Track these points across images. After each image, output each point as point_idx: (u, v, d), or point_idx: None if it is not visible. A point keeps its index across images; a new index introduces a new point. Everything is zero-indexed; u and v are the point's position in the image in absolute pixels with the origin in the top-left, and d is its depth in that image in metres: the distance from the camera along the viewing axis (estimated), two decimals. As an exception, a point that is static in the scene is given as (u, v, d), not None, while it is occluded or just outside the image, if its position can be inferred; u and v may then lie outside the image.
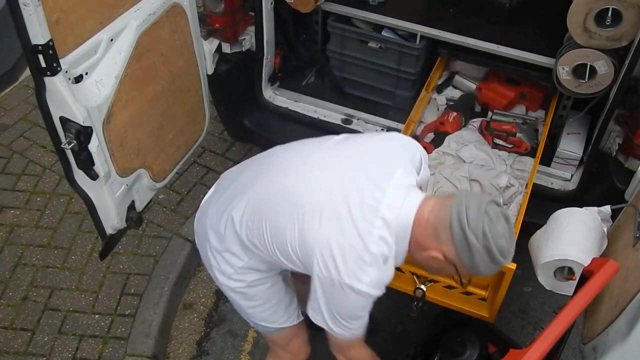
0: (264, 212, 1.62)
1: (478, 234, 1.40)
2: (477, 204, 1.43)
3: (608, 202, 1.86)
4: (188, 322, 2.88)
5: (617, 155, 2.43)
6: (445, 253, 1.46)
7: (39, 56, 1.65)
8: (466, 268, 1.47)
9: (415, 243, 1.51)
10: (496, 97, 2.77)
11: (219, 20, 2.59)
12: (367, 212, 1.47)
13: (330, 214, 1.49)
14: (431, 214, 1.48)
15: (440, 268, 1.53)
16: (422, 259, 1.54)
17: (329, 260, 1.46)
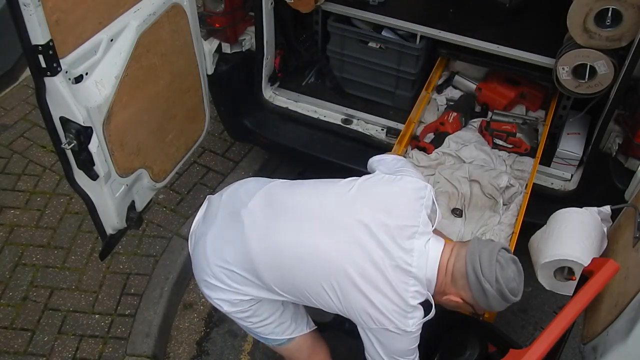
0: (291, 268, 1.70)
1: (492, 281, 1.57)
2: (488, 253, 1.59)
3: (608, 202, 1.86)
4: (188, 322, 2.88)
5: (617, 155, 2.43)
6: (463, 297, 1.63)
7: (39, 56, 1.64)
8: (482, 308, 1.66)
9: (438, 289, 1.66)
10: (496, 97, 2.77)
11: (219, 20, 2.59)
12: (401, 274, 1.60)
13: (368, 281, 1.60)
14: (449, 264, 1.63)
15: (459, 307, 1.70)
16: (442, 300, 1.69)
17: (378, 316, 1.60)
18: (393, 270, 1.59)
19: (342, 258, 1.62)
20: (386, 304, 1.59)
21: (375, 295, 1.59)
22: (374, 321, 1.61)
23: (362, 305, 1.61)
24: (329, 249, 1.64)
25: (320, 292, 1.66)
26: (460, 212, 2.34)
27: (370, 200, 1.70)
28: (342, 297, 1.63)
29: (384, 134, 2.81)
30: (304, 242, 1.67)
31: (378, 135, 2.81)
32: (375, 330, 1.63)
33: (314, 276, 1.66)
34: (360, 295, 1.60)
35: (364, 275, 1.60)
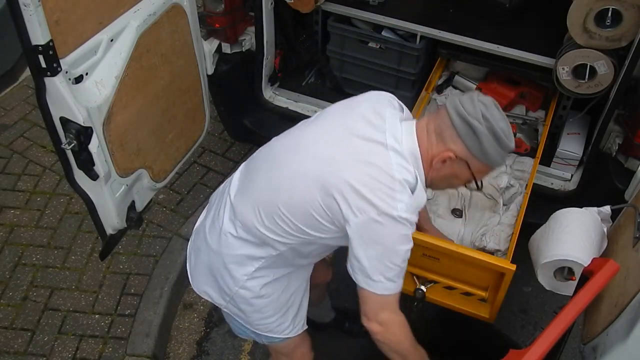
0: (277, 198, 1.62)
1: (479, 118, 1.48)
2: (468, 97, 1.52)
3: (608, 202, 1.86)
4: (188, 322, 2.88)
5: (617, 155, 2.43)
6: (454, 150, 1.53)
7: (39, 56, 1.65)
8: (477, 159, 1.53)
9: (427, 160, 1.57)
10: (496, 97, 2.75)
11: (219, 20, 2.59)
12: (378, 148, 1.52)
13: (345, 160, 1.53)
14: (429, 125, 1.57)
15: (455, 174, 1.59)
16: (436, 173, 1.59)
17: (359, 199, 1.49)
18: (370, 147, 1.52)
19: (322, 154, 1.57)
20: (366, 180, 1.48)
21: (353, 172, 1.50)
22: (356, 210, 1.48)
23: (338, 187, 1.50)
24: (307, 155, 1.60)
25: (299, 202, 1.57)
26: (460, 212, 2.34)
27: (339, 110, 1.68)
28: (319, 187, 1.53)
29: (384, 134, 2.80)
30: (285, 167, 1.63)
31: (378, 135, 2.81)
32: (359, 224, 1.50)
33: (294, 187, 1.59)
34: (336, 174, 1.52)
35: (341, 158, 1.54)
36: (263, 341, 2.00)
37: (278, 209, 1.61)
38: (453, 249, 1.97)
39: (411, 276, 2.13)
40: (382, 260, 1.54)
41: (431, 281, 2.11)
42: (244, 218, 1.69)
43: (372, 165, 1.51)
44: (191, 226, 3.10)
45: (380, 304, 1.61)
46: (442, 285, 2.11)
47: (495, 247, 2.16)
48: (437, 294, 2.14)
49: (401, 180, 1.49)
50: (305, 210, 1.58)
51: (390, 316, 1.64)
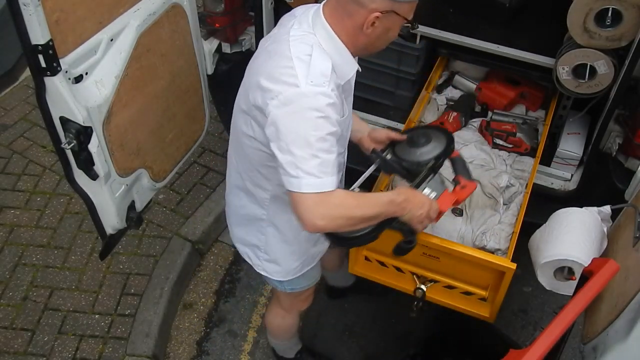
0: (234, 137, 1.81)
1: None
2: None
3: (608, 202, 1.86)
4: (188, 322, 2.88)
5: (617, 155, 2.43)
6: (377, 9, 1.47)
7: (39, 56, 1.64)
8: (402, 2, 1.49)
9: (350, 35, 1.54)
10: (496, 97, 2.77)
11: (219, 20, 2.59)
12: (279, 40, 1.56)
13: (254, 71, 1.60)
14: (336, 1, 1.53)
15: (388, 27, 1.54)
16: (369, 40, 1.55)
17: (267, 91, 1.49)
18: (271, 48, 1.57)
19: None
20: (268, 71, 1.50)
21: (258, 71, 1.55)
22: (264, 102, 1.49)
23: (252, 85, 1.55)
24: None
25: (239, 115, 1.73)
26: (460, 211, 2.34)
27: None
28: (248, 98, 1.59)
29: (384, 134, 2.80)
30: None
31: (378, 135, 2.81)
32: (276, 114, 1.46)
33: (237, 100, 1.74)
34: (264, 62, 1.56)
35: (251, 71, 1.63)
36: (286, 290, 2.08)
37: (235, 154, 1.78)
38: (453, 248, 1.97)
39: (411, 275, 2.13)
40: (297, 150, 1.44)
41: (431, 280, 2.11)
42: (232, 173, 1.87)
43: (270, 58, 1.53)
44: (191, 226, 3.13)
45: (310, 206, 1.46)
46: (442, 285, 2.11)
47: (496, 246, 2.16)
48: (437, 293, 2.14)
49: (295, 54, 1.48)
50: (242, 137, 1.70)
51: (327, 213, 1.48)
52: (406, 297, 2.18)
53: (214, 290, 3.01)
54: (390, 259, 2.13)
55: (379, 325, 2.88)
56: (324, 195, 1.46)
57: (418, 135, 1.96)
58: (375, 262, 2.16)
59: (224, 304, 2.96)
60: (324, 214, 1.47)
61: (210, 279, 3.06)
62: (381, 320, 2.90)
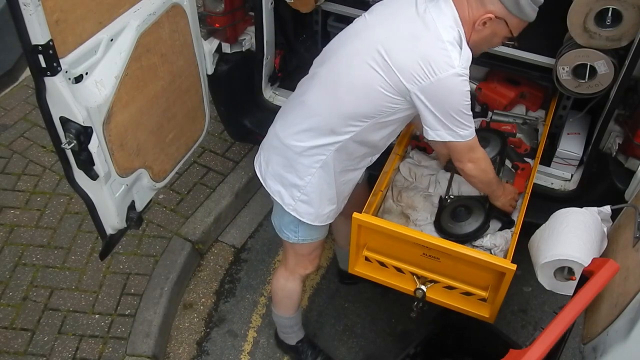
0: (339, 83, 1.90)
1: None
2: None
3: (608, 202, 1.86)
4: (188, 322, 2.88)
5: (617, 155, 2.43)
6: (494, 12, 1.77)
7: (39, 56, 1.64)
8: (514, 16, 1.78)
9: (468, 24, 1.80)
10: (496, 97, 2.77)
11: (219, 20, 2.59)
12: (420, 25, 1.77)
13: (398, 42, 1.78)
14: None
15: (495, 33, 1.85)
16: (479, 37, 1.86)
17: (420, 71, 1.74)
18: (416, 21, 1.76)
19: (377, 32, 1.83)
20: (423, 53, 1.73)
21: (408, 51, 1.74)
22: (419, 79, 1.74)
23: (402, 68, 1.75)
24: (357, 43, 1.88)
25: (369, 72, 1.81)
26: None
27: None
28: (389, 63, 1.77)
29: (384, 134, 2.81)
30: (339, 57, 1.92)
31: (378, 135, 2.81)
32: (426, 89, 1.76)
33: (359, 58, 1.83)
34: (403, 50, 1.76)
35: (401, 39, 1.78)
36: (297, 240, 2.20)
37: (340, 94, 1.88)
38: (453, 249, 1.97)
39: (411, 276, 2.13)
40: (455, 114, 1.82)
41: (431, 281, 2.11)
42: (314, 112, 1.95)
43: (422, 39, 1.75)
44: (191, 226, 3.13)
45: (466, 147, 1.92)
46: (443, 285, 2.11)
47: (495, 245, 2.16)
48: (437, 293, 2.14)
49: (450, 40, 1.74)
50: (368, 88, 1.83)
51: (476, 154, 1.96)
52: (406, 297, 2.18)
53: (214, 290, 3.01)
54: (390, 259, 2.13)
55: (379, 325, 2.88)
56: (472, 142, 1.93)
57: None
58: (375, 262, 2.16)
59: (224, 304, 2.96)
60: (472, 160, 1.97)
61: (210, 279, 3.06)
62: (381, 320, 2.90)
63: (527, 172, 2.36)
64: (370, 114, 1.88)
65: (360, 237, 2.10)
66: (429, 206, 2.31)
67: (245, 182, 3.39)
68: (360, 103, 1.88)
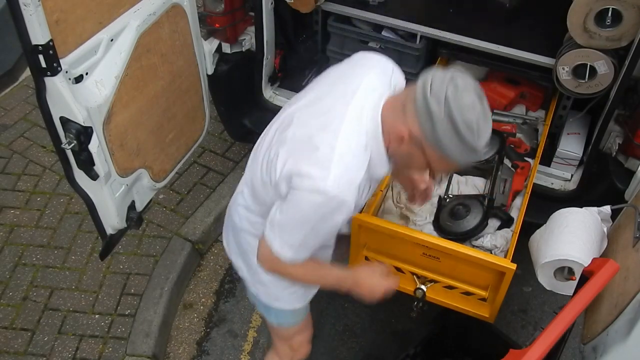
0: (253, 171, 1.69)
1: (440, 99, 1.31)
2: (443, 74, 1.36)
3: (608, 202, 1.86)
4: (188, 322, 2.88)
5: (617, 155, 2.43)
6: (410, 129, 1.37)
7: (39, 56, 1.64)
8: (432, 146, 1.37)
9: (388, 137, 1.45)
10: (496, 97, 2.77)
11: (219, 20, 2.59)
12: (334, 112, 1.46)
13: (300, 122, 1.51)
14: (401, 95, 1.45)
15: (411, 155, 1.44)
16: (395, 152, 1.47)
17: (297, 170, 1.43)
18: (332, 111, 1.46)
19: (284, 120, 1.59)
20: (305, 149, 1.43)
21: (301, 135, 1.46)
22: (288, 174, 1.44)
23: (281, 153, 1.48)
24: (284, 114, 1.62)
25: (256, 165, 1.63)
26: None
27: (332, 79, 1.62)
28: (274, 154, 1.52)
29: (384, 134, 2.80)
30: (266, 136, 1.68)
31: (378, 135, 2.81)
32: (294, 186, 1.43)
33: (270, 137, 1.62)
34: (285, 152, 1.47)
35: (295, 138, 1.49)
36: (272, 321, 2.02)
37: (254, 183, 1.67)
38: (453, 248, 1.97)
39: (411, 275, 2.13)
40: (294, 226, 1.49)
41: (431, 280, 2.11)
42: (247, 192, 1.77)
43: (322, 126, 1.44)
44: (191, 226, 3.13)
45: (273, 259, 1.57)
46: (442, 285, 2.11)
47: (495, 246, 2.16)
48: (437, 293, 2.14)
49: (342, 148, 1.40)
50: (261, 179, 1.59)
51: (276, 269, 1.66)
52: (406, 297, 2.18)
53: (214, 290, 3.01)
54: (390, 259, 2.13)
55: (379, 325, 2.88)
56: (282, 261, 1.57)
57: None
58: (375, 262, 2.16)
59: (224, 304, 2.96)
60: (273, 269, 1.67)
61: (210, 279, 3.06)
62: (381, 321, 2.90)
63: (527, 171, 2.36)
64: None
65: (360, 237, 2.10)
66: (427, 207, 2.31)
67: (245, 182, 3.39)
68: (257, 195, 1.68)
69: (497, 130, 2.53)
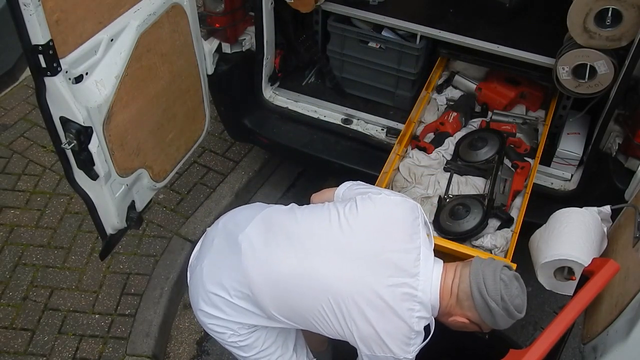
0: (295, 296, 1.68)
1: (497, 300, 1.58)
2: (492, 273, 1.60)
3: (608, 202, 1.86)
4: (188, 322, 2.88)
5: (617, 155, 2.43)
6: (469, 317, 1.64)
7: (39, 56, 1.64)
8: (488, 326, 1.66)
9: (442, 311, 1.67)
10: (496, 97, 2.77)
11: (219, 20, 2.59)
12: (407, 301, 1.60)
13: (375, 308, 1.60)
14: (454, 285, 1.64)
15: (465, 327, 1.69)
16: (448, 321, 1.70)
17: (380, 345, 1.60)
18: (400, 297, 1.60)
19: (349, 286, 1.61)
20: (391, 331, 1.59)
21: (380, 323, 1.59)
22: (374, 350, 1.62)
23: (366, 333, 1.61)
24: (334, 277, 1.63)
25: (324, 317, 1.66)
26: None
27: (367, 225, 1.69)
28: (346, 323, 1.63)
29: (384, 134, 2.81)
30: (309, 271, 1.65)
31: (378, 135, 2.81)
32: (373, 357, 1.63)
33: (318, 303, 1.64)
34: (365, 322, 1.60)
35: (370, 303, 1.59)
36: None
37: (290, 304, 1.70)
38: (453, 248, 1.97)
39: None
40: None
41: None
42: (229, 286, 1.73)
43: (398, 319, 1.59)
44: (191, 226, 3.12)
45: None
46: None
47: (495, 246, 2.16)
48: (437, 293, 2.13)
49: (419, 330, 1.61)
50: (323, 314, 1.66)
51: None
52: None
53: (214, 290, 3.01)
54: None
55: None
56: None
57: (476, 140, 2.49)
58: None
59: (224, 304, 2.96)
60: None
61: (210, 279, 3.06)
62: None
63: (527, 171, 2.35)
64: None
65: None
66: (427, 207, 2.31)
67: (245, 182, 3.39)
68: None
69: (497, 130, 2.54)
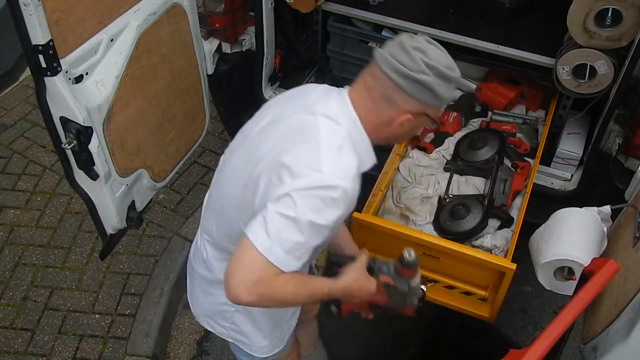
0: (220, 206, 1.65)
1: (424, 70, 1.39)
2: (400, 48, 1.41)
3: (608, 202, 1.86)
4: (188, 322, 2.88)
5: (617, 155, 2.43)
6: (409, 110, 1.44)
7: (39, 56, 1.65)
8: (434, 106, 1.47)
9: (374, 127, 1.47)
10: (496, 97, 2.77)
11: (219, 20, 2.59)
12: (306, 121, 1.44)
13: (274, 139, 1.48)
14: (368, 92, 1.45)
15: (416, 126, 1.52)
16: (393, 134, 1.50)
17: (288, 170, 1.37)
18: (297, 123, 1.46)
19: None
20: (294, 153, 1.39)
21: (280, 149, 1.41)
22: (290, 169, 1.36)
23: (266, 167, 1.42)
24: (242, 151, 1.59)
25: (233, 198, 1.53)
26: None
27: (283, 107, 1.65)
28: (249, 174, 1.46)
29: (384, 134, 2.80)
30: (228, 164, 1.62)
31: (378, 135, 2.81)
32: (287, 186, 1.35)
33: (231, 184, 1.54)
34: (263, 154, 1.44)
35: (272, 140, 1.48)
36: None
37: (226, 213, 1.61)
38: (453, 248, 1.97)
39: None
40: (285, 221, 1.32)
41: (431, 280, 2.11)
42: (210, 234, 1.72)
43: (299, 139, 1.42)
44: (191, 226, 3.12)
45: (251, 273, 1.31)
46: (443, 285, 2.11)
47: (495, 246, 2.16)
48: (437, 293, 2.14)
49: (329, 143, 1.39)
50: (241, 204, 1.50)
51: (261, 292, 1.32)
52: (406, 297, 2.17)
53: (214, 290, 3.01)
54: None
55: (379, 325, 2.88)
56: (274, 271, 1.32)
57: (476, 140, 2.48)
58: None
59: (224, 304, 2.96)
60: (258, 292, 1.31)
61: (210, 278, 3.06)
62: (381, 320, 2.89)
63: (527, 171, 2.36)
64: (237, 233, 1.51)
65: (360, 237, 2.10)
66: (427, 207, 2.32)
67: (245, 182, 3.39)
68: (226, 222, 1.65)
69: (497, 130, 2.53)
